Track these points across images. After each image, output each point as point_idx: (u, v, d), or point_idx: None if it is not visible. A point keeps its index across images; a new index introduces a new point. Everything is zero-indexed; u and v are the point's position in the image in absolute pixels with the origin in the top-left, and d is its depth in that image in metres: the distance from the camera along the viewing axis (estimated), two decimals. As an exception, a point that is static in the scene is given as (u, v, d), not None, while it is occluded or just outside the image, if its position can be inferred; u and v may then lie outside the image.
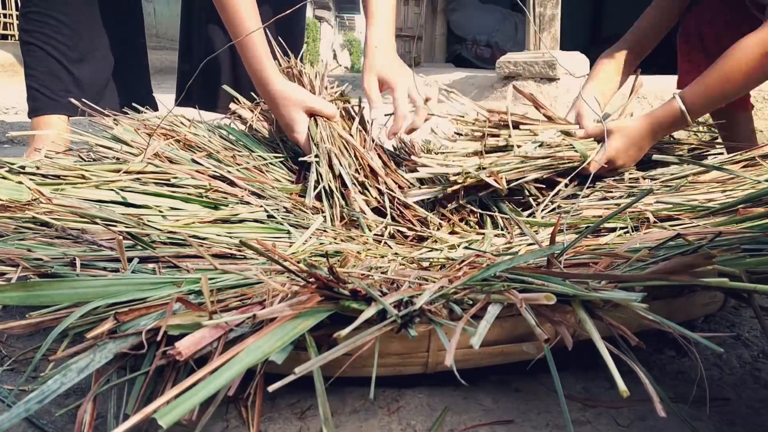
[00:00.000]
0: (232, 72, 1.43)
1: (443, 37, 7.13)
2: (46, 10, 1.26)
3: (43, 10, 1.26)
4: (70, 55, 1.28)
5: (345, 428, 0.52)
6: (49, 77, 1.27)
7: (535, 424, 0.52)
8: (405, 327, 0.49)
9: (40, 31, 1.26)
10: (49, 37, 1.26)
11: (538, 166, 0.99)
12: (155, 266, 0.65)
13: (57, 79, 1.27)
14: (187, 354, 0.43)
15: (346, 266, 0.73)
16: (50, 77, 1.27)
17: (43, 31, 1.26)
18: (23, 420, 0.50)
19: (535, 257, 0.58)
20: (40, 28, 1.26)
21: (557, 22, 3.41)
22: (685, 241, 0.60)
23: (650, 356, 0.65)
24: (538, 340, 0.47)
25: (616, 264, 0.59)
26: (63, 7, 1.26)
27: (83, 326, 0.51)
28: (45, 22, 1.26)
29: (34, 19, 1.26)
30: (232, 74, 1.42)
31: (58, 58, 1.27)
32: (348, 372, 0.52)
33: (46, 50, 1.26)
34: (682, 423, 0.51)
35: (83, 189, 0.86)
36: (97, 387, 0.46)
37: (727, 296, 0.64)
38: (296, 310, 0.47)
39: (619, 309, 0.50)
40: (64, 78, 1.27)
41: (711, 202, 0.87)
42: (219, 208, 0.90)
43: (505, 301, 0.50)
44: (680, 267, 0.49)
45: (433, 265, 0.78)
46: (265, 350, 0.43)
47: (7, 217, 0.73)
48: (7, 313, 0.70)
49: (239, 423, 0.51)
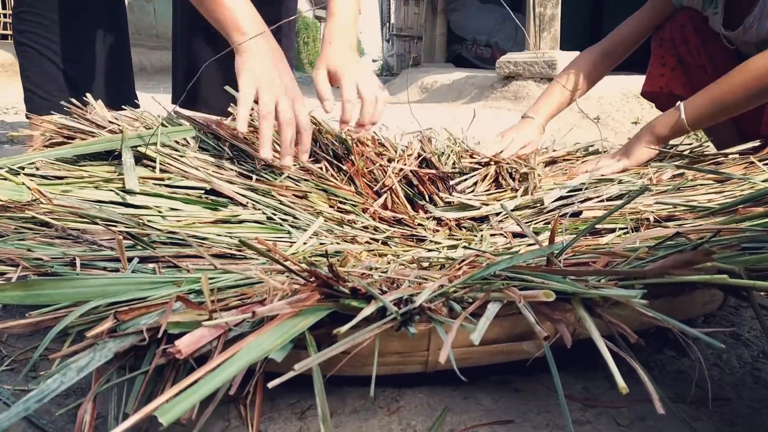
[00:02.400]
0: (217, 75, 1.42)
1: (443, 37, 7.13)
2: (38, 9, 1.26)
3: (35, 9, 1.26)
4: (64, 55, 1.27)
5: (345, 428, 0.52)
6: (43, 77, 1.27)
7: (535, 424, 0.52)
8: (405, 325, 0.49)
9: (34, 32, 1.26)
10: (42, 37, 1.26)
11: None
12: (155, 266, 0.65)
13: (51, 80, 1.27)
14: (187, 352, 0.43)
15: (346, 266, 0.73)
16: (44, 77, 1.27)
17: (37, 31, 1.26)
18: (23, 419, 0.50)
19: (535, 256, 0.58)
20: (33, 29, 1.26)
21: (557, 22, 3.41)
22: (684, 240, 0.60)
23: (650, 356, 0.65)
24: (538, 338, 0.47)
25: (616, 262, 0.59)
26: (54, 7, 1.26)
27: (83, 325, 0.51)
28: (38, 23, 1.26)
29: (27, 19, 1.26)
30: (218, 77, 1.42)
31: (52, 58, 1.27)
32: (348, 371, 0.52)
33: (39, 50, 1.26)
34: (681, 423, 0.51)
35: (83, 189, 0.86)
36: (97, 386, 0.46)
37: (726, 295, 0.64)
38: (296, 308, 0.47)
39: (618, 307, 0.50)
40: (58, 78, 1.27)
41: (710, 203, 0.87)
42: (219, 209, 0.90)
43: (505, 298, 0.50)
44: (680, 264, 0.49)
45: (432, 264, 0.78)
46: (265, 348, 0.43)
47: (7, 217, 0.73)
48: (7, 313, 0.70)
49: (239, 423, 0.51)
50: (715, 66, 1.29)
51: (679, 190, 0.96)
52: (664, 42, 1.34)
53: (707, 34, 1.29)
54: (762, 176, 0.97)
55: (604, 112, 3.06)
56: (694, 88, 1.31)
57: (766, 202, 0.74)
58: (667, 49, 1.34)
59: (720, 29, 1.24)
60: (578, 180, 1.06)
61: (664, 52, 1.34)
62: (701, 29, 1.29)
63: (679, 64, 1.33)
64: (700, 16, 1.30)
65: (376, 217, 1.02)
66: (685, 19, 1.31)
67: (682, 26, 1.31)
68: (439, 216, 1.03)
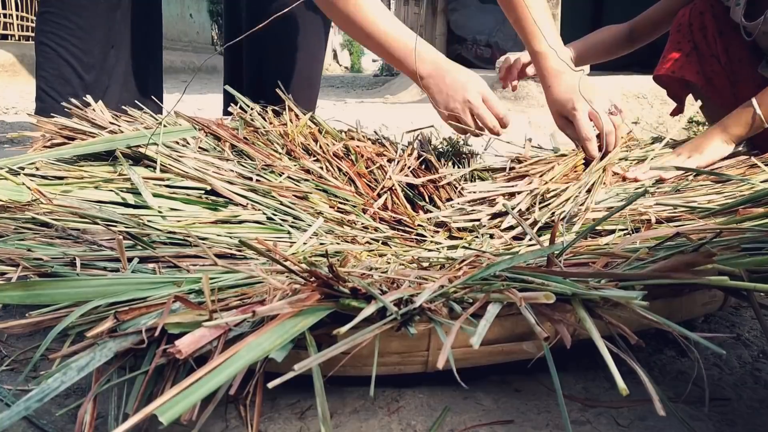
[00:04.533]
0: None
1: (443, 37, 7.13)
2: (62, 11, 1.25)
3: (59, 11, 1.25)
4: (83, 60, 1.27)
5: (345, 428, 0.52)
6: (59, 80, 1.26)
7: (535, 424, 0.52)
8: (405, 325, 0.49)
9: (56, 33, 1.25)
10: (63, 40, 1.26)
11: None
12: (155, 266, 0.65)
13: (66, 83, 1.26)
14: (187, 352, 0.43)
15: (346, 266, 0.73)
16: (60, 80, 1.26)
17: (59, 33, 1.26)
18: (23, 419, 0.50)
19: (535, 257, 0.58)
20: (56, 30, 1.25)
21: (557, 22, 3.41)
22: (684, 240, 0.60)
23: (650, 356, 0.65)
24: (538, 338, 0.47)
25: (616, 263, 0.59)
26: (80, 11, 1.26)
27: (83, 325, 0.51)
28: (62, 24, 1.25)
29: (50, 20, 1.26)
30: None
31: (71, 62, 1.26)
32: (348, 371, 0.52)
33: (59, 52, 1.26)
34: (681, 423, 0.51)
35: (83, 190, 0.86)
36: (97, 386, 0.46)
37: (727, 296, 0.64)
38: (296, 308, 0.47)
39: (618, 308, 0.50)
40: (74, 82, 1.27)
41: (710, 203, 0.87)
42: (219, 209, 0.90)
43: (505, 299, 0.50)
44: (680, 265, 0.49)
45: (432, 264, 0.78)
46: (265, 348, 0.43)
47: (7, 218, 0.73)
48: (7, 313, 0.70)
49: (239, 423, 0.51)
50: (729, 57, 1.28)
51: (679, 191, 0.96)
52: (682, 27, 1.33)
53: (725, 24, 1.27)
54: (762, 177, 0.97)
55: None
56: (706, 78, 1.30)
57: (766, 203, 0.75)
58: (684, 35, 1.33)
59: (741, 19, 1.22)
60: (648, 175, 1.04)
61: (681, 38, 1.34)
62: (720, 18, 1.28)
63: (693, 51, 1.31)
64: (722, 6, 1.28)
65: (376, 217, 1.02)
66: (705, 6, 1.30)
67: (701, 13, 1.30)
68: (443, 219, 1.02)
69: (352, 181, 1.09)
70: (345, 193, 1.04)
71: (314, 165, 1.08)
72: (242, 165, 1.02)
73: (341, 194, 1.04)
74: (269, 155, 1.08)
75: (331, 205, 1.01)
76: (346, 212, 1.01)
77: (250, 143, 1.09)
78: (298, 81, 1.46)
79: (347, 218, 0.98)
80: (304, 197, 0.99)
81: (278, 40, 1.43)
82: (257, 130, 1.17)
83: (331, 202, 1.02)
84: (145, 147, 0.95)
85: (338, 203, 1.02)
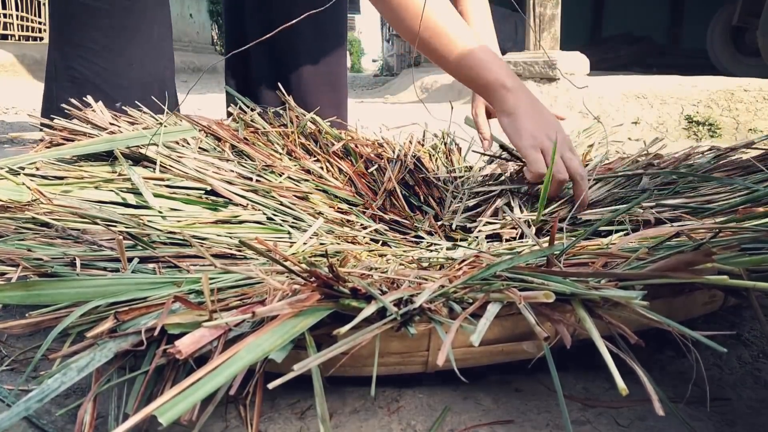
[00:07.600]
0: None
1: (443, 37, 7.11)
2: (85, 33, 1.24)
3: (85, 34, 1.24)
4: (109, 80, 1.25)
5: (345, 428, 0.52)
6: (72, 91, 1.25)
7: (535, 424, 0.52)
8: (405, 325, 0.49)
9: (83, 56, 1.24)
10: (90, 62, 1.24)
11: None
12: (155, 266, 0.65)
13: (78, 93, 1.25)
14: (187, 352, 0.43)
15: (346, 266, 0.73)
16: (73, 91, 1.25)
17: (85, 55, 1.24)
18: (23, 419, 0.50)
19: (535, 257, 0.58)
20: (84, 54, 1.24)
21: (557, 22, 3.41)
22: (684, 240, 0.60)
23: (650, 356, 0.65)
24: (538, 338, 0.47)
25: (615, 263, 0.59)
26: (103, 31, 1.24)
27: (83, 325, 0.51)
28: (87, 47, 1.24)
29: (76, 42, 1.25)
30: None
31: (96, 82, 1.25)
32: (348, 371, 0.52)
33: (86, 76, 1.24)
34: (681, 423, 0.51)
35: (83, 190, 0.86)
36: (97, 387, 0.46)
37: (727, 295, 0.64)
38: (296, 308, 0.47)
39: (618, 308, 0.50)
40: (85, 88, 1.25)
41: (710, 203, 0.87)
42: (219, 209, 0.90)
43: (505, 299, 0.50)
44: (680, 264, 0.49)
45: (432, 265, 0.78)
46: (265, 348, 0.43)
47: (7, 218, 0.73)
48: (7, 313, 0.70)
49: (239, 423, 0.51)
50: None
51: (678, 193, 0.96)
52: None
53: None
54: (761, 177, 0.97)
55: (604, 112, 3.06)
56: None
57: (766, 203, 0.74)
58: None
59: None
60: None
61: None
62: None
63: None
64: None
65: (375, 218, 1.02)
66: None
67: None
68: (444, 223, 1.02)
69: (352, 182, 1.10)
70: (345, 194, 1.04)
71: (314, 165, 1.08)
72: (242, 165, 1.02)
73: (341, 194, 1.04)
74: (269, 155, 1.08)
75: (331, 205, 1.01)
76: (346, 213, 1.01)
77: (251, 143, 1.09)
78: (325, 86, 1.44)
79: (347, 218, 0.98)
80: (304, 197, 0.99)
81: (306, 43, 1.41)
82: (257, 131, 1.17)
83: (331, 203, 1.02)
84: (145, 147, 0.95)
85: (338, 204, 1.02)
